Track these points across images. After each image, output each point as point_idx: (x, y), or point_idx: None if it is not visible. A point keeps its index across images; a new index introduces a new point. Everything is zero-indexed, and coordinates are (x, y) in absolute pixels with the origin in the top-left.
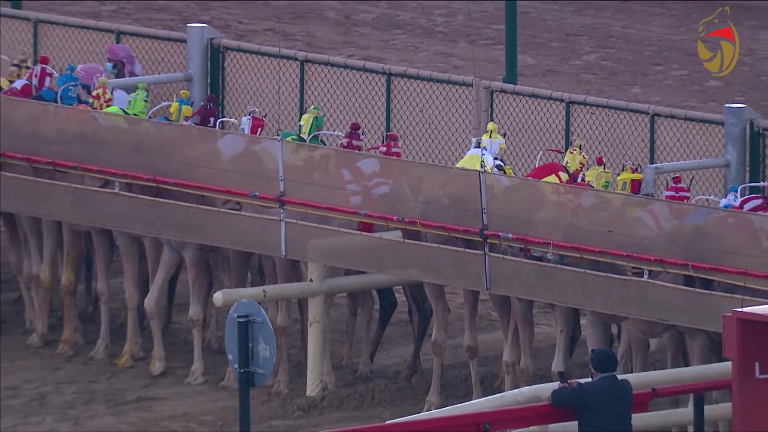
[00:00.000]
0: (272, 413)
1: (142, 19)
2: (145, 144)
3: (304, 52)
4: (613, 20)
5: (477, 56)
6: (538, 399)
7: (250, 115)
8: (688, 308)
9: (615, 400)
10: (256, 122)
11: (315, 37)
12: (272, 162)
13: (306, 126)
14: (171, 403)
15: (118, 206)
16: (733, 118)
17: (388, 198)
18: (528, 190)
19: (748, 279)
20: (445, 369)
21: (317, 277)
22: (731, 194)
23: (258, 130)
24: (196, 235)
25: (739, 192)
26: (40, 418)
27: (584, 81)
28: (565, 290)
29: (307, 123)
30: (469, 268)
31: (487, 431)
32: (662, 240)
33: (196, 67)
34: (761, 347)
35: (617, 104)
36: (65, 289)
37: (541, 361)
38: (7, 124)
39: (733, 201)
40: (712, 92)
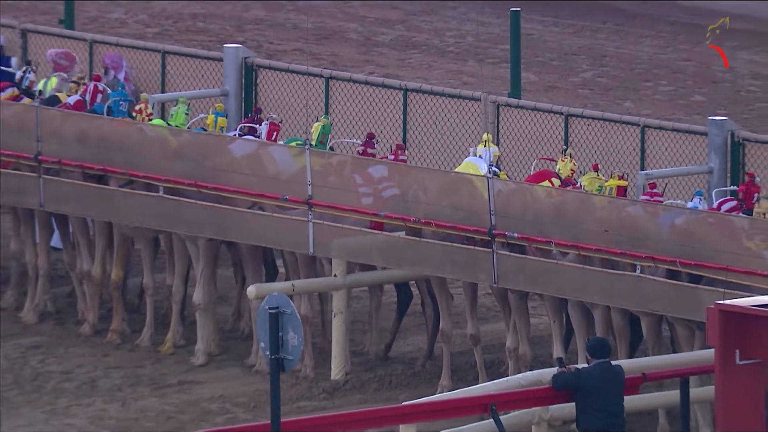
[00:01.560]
0: (300, 395)
1: (183, 39)
2: (185, 151)
3: (328, 69)
4: (607, 41)
5: (484, 74)
6: (539, 383)
7: (269, 120)
8: (676, 300)
9: (609, 384)
10: (272, 127)
11: (338, 57)
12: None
13: (315, 133)
14: (209, 386)
15: (162, 208)
16: (716, 130)
17: (397, 200)
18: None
19: (729, 274)
20: (455, 356)
21: (340, 273)
22: (697, 198)
23: (274, 134)
24: (234, 235)
25: (714, 195)
26: (91, 400)
27: (581, 96)
28: (565, 284)
29: (316, 131)
30: (478, 265)
31: (494, 411)
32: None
33: (231, 83)
34: (741, 336)
35: (611, 117)
36: (114, 283)
37: (543, 349)
38: (61, 134)
39: (698, 204)
40: (697, 106)
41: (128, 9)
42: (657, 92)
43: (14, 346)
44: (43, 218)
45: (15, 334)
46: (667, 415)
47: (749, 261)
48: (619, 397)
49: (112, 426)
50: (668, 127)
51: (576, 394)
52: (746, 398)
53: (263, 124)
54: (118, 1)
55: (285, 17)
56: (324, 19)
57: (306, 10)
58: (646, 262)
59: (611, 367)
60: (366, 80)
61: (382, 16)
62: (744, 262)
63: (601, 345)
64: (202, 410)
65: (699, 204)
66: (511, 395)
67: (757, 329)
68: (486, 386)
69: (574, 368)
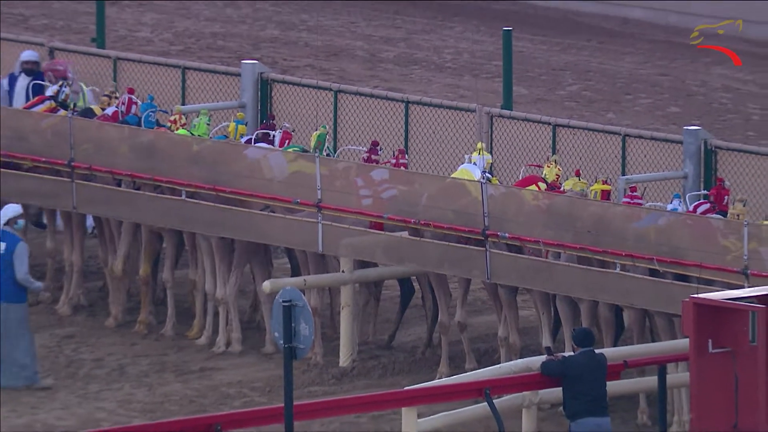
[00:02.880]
0: (311, 381)
1: (204, 56)
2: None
3: (337, 83)
4: (591, 57)
5: (479, 87)
6: (529, 369)
7: (281, 129)
8: (655, 295)
9: (593, 370)
10: (285, 135)
11: (346, 72)
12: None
13: (313, 140)
14: (228, 372)
15: (186, 210)
16: (690, 138)
17: (397, 202)
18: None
19: (703, 270)
20: (452, 345)
21: (348, 269)
22: (676, 200)
23: (286, 141)
24: (249, 234)
25: (688, 199)
26: (120, 385)
27: (568, 108)
28: (552, 280)
29: (314, 138)
30: (473, 262)
31: (487, 395)
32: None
33: (248, 96)
34: (713, 327)
35: (595, 126)
36: (143, 279)
37: (532, 338)
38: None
39: (677, 206)
40: (673, 117)
41: (154, 28)
42: (636, 104)
43: (50, 336)
44: (77, 219)
45: (51, 325)
46: (646, 399)
47: (721, 258)
48: (602, 382)
49: (139, 409)
50: (647, 136)
51: (563, 379)
52: (718, 383)
53: (277, 132)
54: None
55: (297, 36)
56: (333, 37)
57: (316, 29)
58: (626, 260)
59: (595, 355)
60: (371, 93)
61: (385, 35)
62: (716, 259)
63: (585, 335)
64: (221, 394)
65: (678, 206)
66: (504, 381)
67: (728, 320)
68: (481, 372)
69: (561, 356)
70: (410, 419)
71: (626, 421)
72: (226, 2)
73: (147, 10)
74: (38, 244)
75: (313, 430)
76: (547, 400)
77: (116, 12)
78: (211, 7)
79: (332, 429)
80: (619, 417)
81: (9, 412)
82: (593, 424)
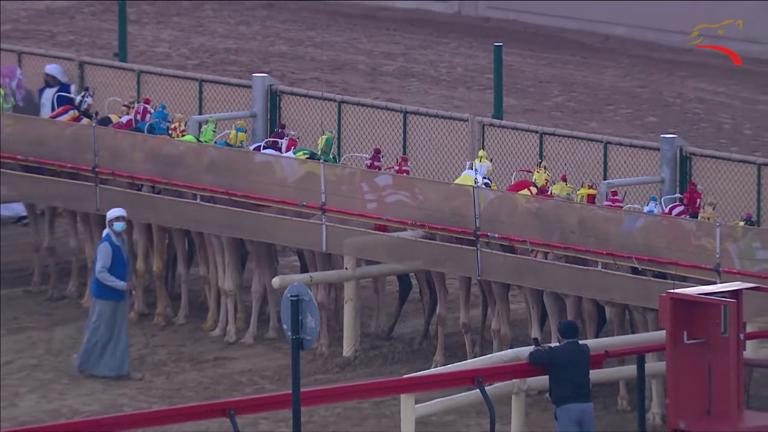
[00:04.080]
0: (317, 369)
1: (218, 70)
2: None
3: (341, 95)
4: (575, 71)
5: (472, 98)
6: (518, 359)
7: (287, 137)
8: (634, 290)
9: (577, 360)
10: (291, 142)
11: (349, 84)
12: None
13: (320, 145)
14: (239, 361)
15: (200, 213)
16: (667, 145)
17: (398, 205)
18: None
19: (678, 268)
20: (448, 336)
21: (351, 267)
22: (652, 203)
23: (291, 148)
24: (259, 235)
25: (664, 202)
26: (140, 374)
27: (554, 117)
28: (539, 277)
29: (321, 142)
30: (465, 260)
31: (480, 383)
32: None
33: (259, 106)
34: (688, 320)
35: (579, 135)
36: (157, 274)
37: (521, 330)
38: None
39: (654, 208)
40: (651, 126)
41: (172, 44)
42: (617, 114)
43: (76, 328)
44: (97, 220)
45: (77, 318)
46: (626, 386)
47: (695, 257)
48: (585, 371)
49: (158, 395)
50: (627, 143)
51: (549, 368)
52: (692, 372)
53: (283, 140)
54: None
55: (304, 51)
56: (337, 52)
57: (322, 45)
58: (608, 259)
59: (579, 346)
60: (372, 104)
61: (385, 50)
62: (691, 257)
63: (570, 327)
64: (234, 382)
65: (654, 208)
66: (495, 369)
67: (701, 314)
68: (474, 362)
69: (548, 347)
70: (408, 405)
71: (607, 407)
72: (238, 20)
73: (165, 27)
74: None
75: (318, 414)
76: (535, 387)
77: (137, 29)
78: (224, 24)
79: (336, 414)
80: (601, 402)
81: (40, 398)
82: (577, 409)
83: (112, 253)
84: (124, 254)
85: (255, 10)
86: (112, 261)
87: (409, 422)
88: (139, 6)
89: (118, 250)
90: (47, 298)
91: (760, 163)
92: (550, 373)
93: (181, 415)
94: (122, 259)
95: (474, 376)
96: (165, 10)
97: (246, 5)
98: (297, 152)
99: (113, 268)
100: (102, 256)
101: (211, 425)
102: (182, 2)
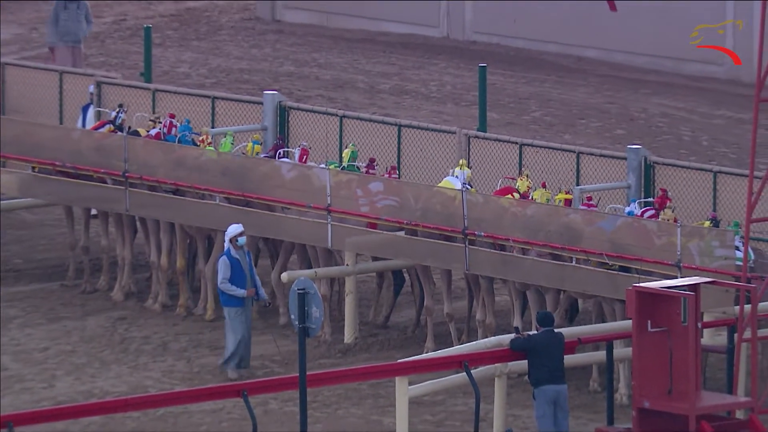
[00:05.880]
0: (321, 355)
1: (232, 88)
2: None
3: (342, 110)
4: (551, 89)
5: (459, 113)
6: (501, 345)
7: (300, 147)
8: (604, 284)
9: (553, 346)
10: (303, 152)
11: (350, 101)
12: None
13: (345, 157)
14: (252, 348)
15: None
16: (633, 155)
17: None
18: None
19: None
20: (437, 325)
21: (352, 262)
22: (633, 204)
23: (304, 157)
24: (271, 233)
25: (637, 205)
26: (164, 359)
27: (532, 130)
28: (519, 272)
29: (346, 155)
30: (454, 256)
31: (466, 367)
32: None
33: (269, 120)
34: (651, 310)
35: (554, 145)
36: (180, 270)
37: (503, 319)
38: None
39: (634, 209)
40: (619, 138)
41: (192, 65)
42: (588, 127)
43: (106, 318)
44: (128, 220)
45: (107, 309)
46: (597, 369)
47: (659, 254)
48: (560, 356)
49: (180, 378)
50: (597, 153)
51: (528, 353)
52: (656, 356)
53: (296, 149)
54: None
55: (309, 71)
56: (339, 72)
57: (325, 66)
58: (581, 255)
59: (555, 334)
60: (370, 118)
61: (382, 71)
62: (655, 254)
63: (546, 317)
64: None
65: (635, 208)
66: (479, 354)
67: (664, 305)
68: (460, 348)
69: (527, 334)
70: (403, 386)
71: (580, 387)
72: (251, 44)
73: (186, 50)
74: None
75: (322, 395)
76: (515, 370)
77: (161, 51)
78: (238, 47)
79: (338, 394)
80: (575, 384)
81: (74, 380)
82: (553, 390)
83: (231, 265)
84: (243, 266)
85: (266, 35)
86: (233, 272)
87: (403, 402)
88: (163, 31)
89: (237, 263)
90: (81, 292)
91: (716, 170)
92: (528, 358)
93: (200, 395)
94: (241, 270)
95: (461, 361)
96: (186, 35)
97: (258, 30)
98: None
99: (234, 279)
100: (222, 269)
101: (227, 404)
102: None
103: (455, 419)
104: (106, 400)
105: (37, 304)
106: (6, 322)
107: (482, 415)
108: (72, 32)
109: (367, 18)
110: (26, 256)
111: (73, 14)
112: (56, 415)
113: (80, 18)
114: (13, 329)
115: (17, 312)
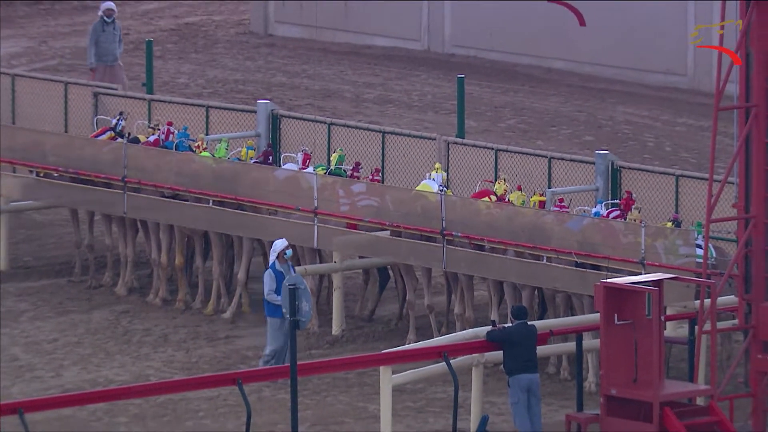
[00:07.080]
0: (310, 345)
1: (228, 97)
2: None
3: (330, 118)
4: (525, 98)
5: (439, 121)
6: (478, 337)
7: (302, 152)
8: (574, 280)
9: (526, 338)
10: (306, 156)
11: (337, 109)
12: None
13: (333, 161)
14: (246, 339)
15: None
16: (601, 160)
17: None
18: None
19: (610, 261)
20: (418, 318)
21: (338, 260)
22: (599, 205)
23: (306, 161)
24: (260, 234)
25: (603, 206)
26: (164, 349)
27: (507, 137)
28: (494, 269)
29: (334, 159)
30: (433, 255)
31: (445, 357)
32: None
33: (262, 127)
34: (618, 304)
35: (527, 151)
36: (179, 266)
37: (481, 313)
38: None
39: (600, 210)
40: (588, 144)
41: (190, 76)
42: (560, 134)
43: (110, 312)
44: (130, 220)
45: (111, 303)
46: (567, 359)
47: (624, 252)
48: (533, 347)
49: (179, 367)
50: (567, 158)
51: (503, 345)
52: (622, 347)
53: (298, 154)
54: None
55: (300, 82)
56: (327, 83)
57: (314, 76)
58: (551, 254)
59: (528, 326)
60: (356, 125)
61: (367, 81)
62: (621, 252)
63: (521, 310)
64: (242, 356)
65: (600, 209)
66: (458, 346)
67: (629, 299)
68: (440, 339)
69: (502, 327)
70: (386, 375)
71: (551, 376)
72: (245, 56)
73: (185, 62)
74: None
75: (312, 383)
76: (491, 360)
77: (161, 63)
78: (234, 59)
79: (326, 382)
80: (546, 373)
81: (80, 370)
82: (526, 379)
83: (275, 278)
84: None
85: (259, 48)
86: (278, 284)
87: (387, 390)
88: (164, 44)
89: (281, 275)
90: (87, 287)
91: (678, 174)
92: (504, 348)
93: (198, 383)
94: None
95: (441, 351)
96: (185, 48)
97: (252, 44)
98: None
99: (279, 291)
100: (268, 281)
101: (223, 392)
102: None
103: (435, 406)
104: (110, 388)
105: (47, 298)
106: (17, 315)
107: (460, 402)
108: (111, 52)
109: (353, 32)
110: (36, 254)
111: (110, 36)
112: (64, 402)
113: (116, 38)
114: (24, 322)
115: (28, 306)
